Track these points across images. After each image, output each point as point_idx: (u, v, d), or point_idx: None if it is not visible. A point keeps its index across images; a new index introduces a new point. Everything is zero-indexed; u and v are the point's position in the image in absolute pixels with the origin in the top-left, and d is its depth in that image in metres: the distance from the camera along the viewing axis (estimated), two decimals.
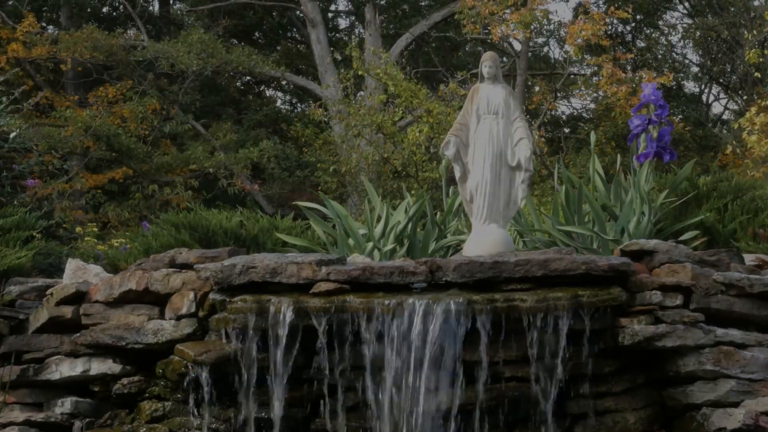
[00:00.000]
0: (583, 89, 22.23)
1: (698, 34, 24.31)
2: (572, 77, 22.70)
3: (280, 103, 28.53)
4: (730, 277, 6.26)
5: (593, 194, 8.13)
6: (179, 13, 27.49)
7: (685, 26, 26.21)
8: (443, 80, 21.28)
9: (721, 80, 25.86)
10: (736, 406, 6.03)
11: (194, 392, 6.41)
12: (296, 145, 22.44)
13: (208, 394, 6.38)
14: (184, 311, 6.61)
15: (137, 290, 6.75)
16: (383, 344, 6.06)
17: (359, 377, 6.19)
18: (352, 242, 7.96)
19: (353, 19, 29.23)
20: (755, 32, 19.88)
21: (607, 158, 18.44)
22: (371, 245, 7.85)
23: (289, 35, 28.01)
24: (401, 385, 6.03)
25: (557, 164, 9.32)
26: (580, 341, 6.10)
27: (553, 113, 24.89)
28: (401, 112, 18.06)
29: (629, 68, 22.86)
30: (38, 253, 8.30)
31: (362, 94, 20.55)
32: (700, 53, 25.82)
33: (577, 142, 22.90)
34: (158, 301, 6.75)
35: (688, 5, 26.69)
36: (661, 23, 26.87)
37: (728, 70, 24.46)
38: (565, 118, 26.64)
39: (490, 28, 18.95)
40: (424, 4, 27.34)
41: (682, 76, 26.19)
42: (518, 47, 20.27)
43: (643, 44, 26.14)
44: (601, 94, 21.14)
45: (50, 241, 9.19)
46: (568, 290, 6.05)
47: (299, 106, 28.10)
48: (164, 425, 6.52)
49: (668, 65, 25.19)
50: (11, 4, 22.86)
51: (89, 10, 25.19)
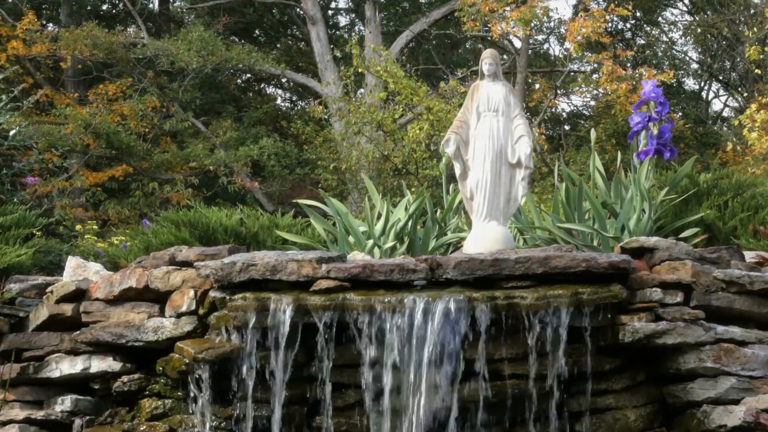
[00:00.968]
0: (583, 86, 22.21)
1: (698, 31, 24.29)
2: (572, 74, 22.68)
3: (280, 100, 28.53)
4: (730, 274, 6.26)
5: (593, 191, 8.13)
6: (179, 10, 27.49)
7: (685, 23, 26.19)
8: (443, 77, 21.27)
9: (721, 77, 25.85)
10: (736, 403, 6.03)
11: (195, 390, 6.41)
12: (296, 142, 22.44)
13: (208, 391, 6.38)
14: (184, 309, 6.61)
15: (137, 288, 6.75)
16: (383, 342, 6.06)
17: (359, 375, 6.19)
18: (352, 240, 7.96)
19: (353, 16, 29.23)
20: (755, 29, 19.89)
21: (607, 155, 18.41)
22: (371, 243, 7.84)
23: (289, 33, 27.98)
24: (401, 382, 6.04)
25: (557, 161, 9.32)
26: (580, 339, 6.10)
27: (553, 110, 24.90)
28: (401, 109, 18.06)
29: (629, 65, 22.88)
30: (38, 250, 8.30)
31: (362, 91, 20.55)
32: (700, 50, 25.80)
33: (577, 139, 22.90)
34: (158, 298, 6.75)
35: (688, 2, 26.68)
36: (661, 20, 26.88)
37: (728, 67, 24.44)
38: (565, 115, 26.66)
39: (490, 25, 18.95)
40: (424, 1, 27.33)
41: (682, 73, 26.19)
42: (518, 44, 20.28)
43: (643, 41, 26.13)
44: (601, 91, 21.15)
45: (50, 238, 9.19)
46: (568, 287, 6.04)
47: (299, 103, 28.09)
48: (164, 423, 6.51)
49: (668, 62, 25.18)
50: (11, 1, 22.83)
51: (89, 7, 25.21)
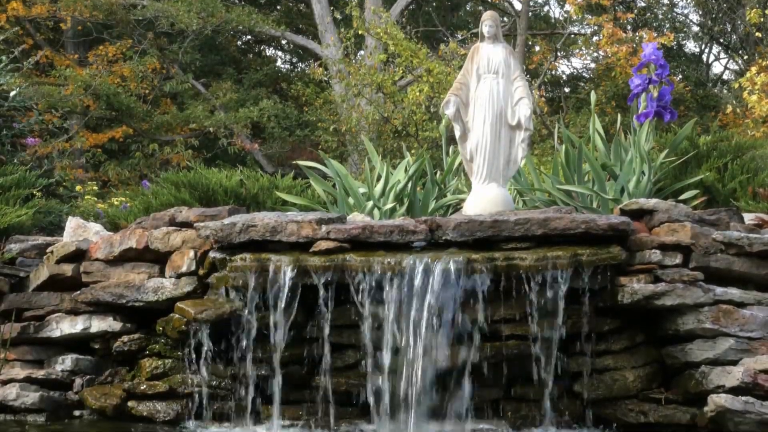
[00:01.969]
0: (583, 49, 22.15)
1: None
2: (572, 37, 22.62)
3: (280, 62, 28.43)
4: (729, 236, 6.26)
5: (593, 154, 8.13)
6: None
7: None
8: (443, 40, 21.18)
9: (721, 40, 25.75)
10: (734, 364, 6.05)
11: (194, 350, 6.44)
12: (296, 104, 22.38)
13: (208, 351, 6.41)
14: (184, 269, 6.63)
15: (137, 248, 6.77)
16: (383, 303, 6.08)
17: (359, 335, 6.21)
18: (352, 201, 7.97)
19: None
20: None
21: (607, 118, 18.40)
22: (371, 204, 7.85)
23: None
24: (400, 343, 6.06)
25: (557, 124, 9.31)
26: (579, 300, 6.12)
27: (553, 73, 24.83)
28: (401, 71, 17.99)
29: (630, 28, 22.78)
30: (38, 211, 8.32)
31: (362, 53, 20.47)
32: (700, 13, 25.69)
33: (577, 101, 22.84)
34: (158, 259, 6.77)
35: None
36: None
37: (729, 30, 24.34)
38: (565, 77, 26.58)
39: None
40: None
41: (682, 36, 26.08)
42: (518, 6, 20.23)
43: (643, 4, 26.01)
44: (601, 53, 21.09)
45: (50, 199, 9.21)
46: (567, 249, 6.06)
47: (299, 65, 28.01)
48: (164, 382, 6.55)
49: (669, 25, 25.09)
50: None
51: None
